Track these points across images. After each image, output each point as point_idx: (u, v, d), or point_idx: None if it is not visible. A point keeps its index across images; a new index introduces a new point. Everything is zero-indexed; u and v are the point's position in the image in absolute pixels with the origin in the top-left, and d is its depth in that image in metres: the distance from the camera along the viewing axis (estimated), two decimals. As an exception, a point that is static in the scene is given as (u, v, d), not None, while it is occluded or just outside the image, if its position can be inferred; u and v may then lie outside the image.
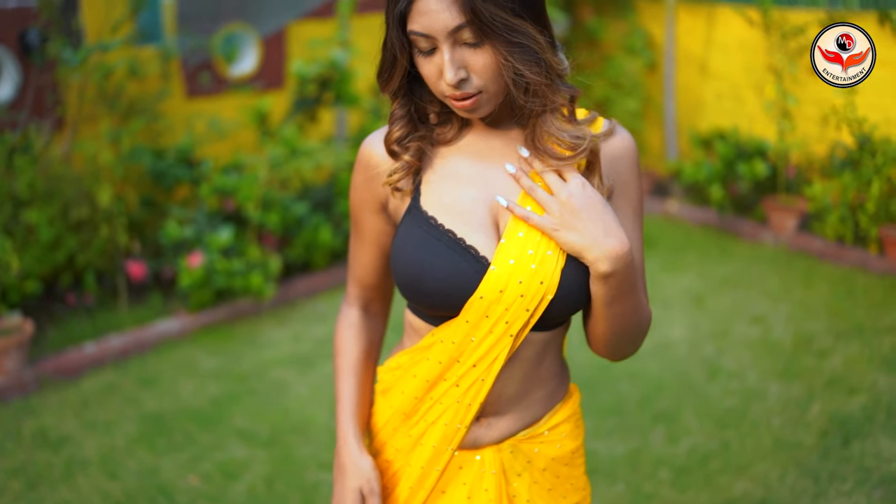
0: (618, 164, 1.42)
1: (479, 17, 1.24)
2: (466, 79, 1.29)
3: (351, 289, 1.65)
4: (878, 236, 5.08)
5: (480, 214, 1.40)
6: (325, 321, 4.60)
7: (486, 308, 1.37)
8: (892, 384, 3.80)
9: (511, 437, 1.50)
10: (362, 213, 1.54)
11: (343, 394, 1.58)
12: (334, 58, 4.94)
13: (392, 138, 1.43)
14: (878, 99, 5.33)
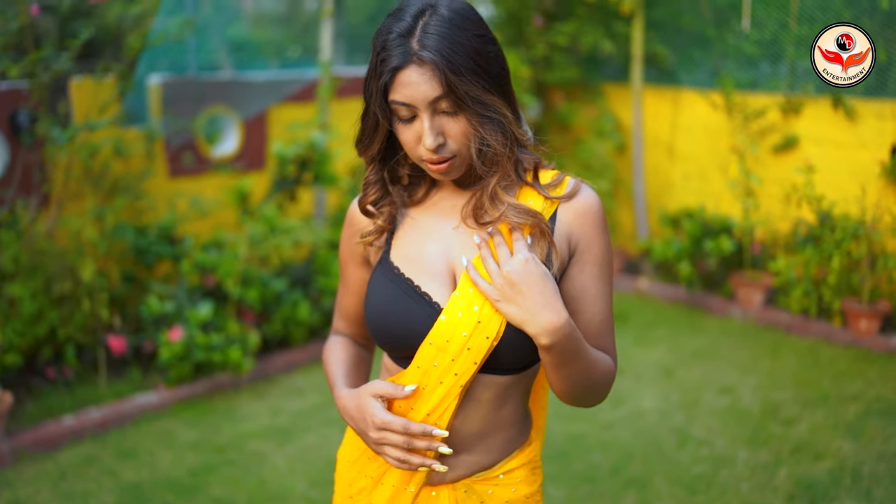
0: (581, 222, 1.53)
1: (454, 90, 1.39)
2: (444, 144, 1.44)
3: (337, 322, 1.81)
4: (841, 309, 5.24)
5: (440, 267, 1.53)
6: (303, 396, 4.66)
7: (434, 355, 1.48)
8: (857, 450, 3.90)
9: (466, 478, 1.58)
10: (347, 266, 1.72)
11: (335, 375, 1.67)
12: (313, 139, 5.11)
13: (367, 202, 1.58)
14: (835, 178, 5.57)
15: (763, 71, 6.74)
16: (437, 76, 1.39)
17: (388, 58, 1.41)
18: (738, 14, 6.44)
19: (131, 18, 6.27)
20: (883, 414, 4.27)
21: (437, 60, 1.38)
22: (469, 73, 1.40)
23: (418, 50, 1.39)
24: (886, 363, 4.88)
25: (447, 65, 1.38)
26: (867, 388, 4.57)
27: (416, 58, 1.39)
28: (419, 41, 1.39)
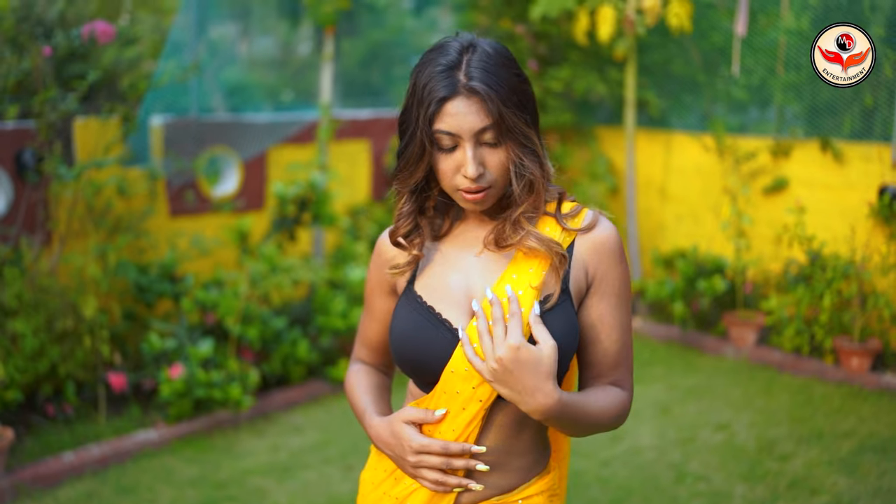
0: (599, 254, 1.60)
1: (504, 121, 1.47)
2: (483, 174, 1.50)
3: (358, 350, 1.86)
4: (833, 347, 5.31)
5: (460, 296, 1.59)
6: (302, 433, 4.69)
7: (456, 383, 1.54)
8: (852, 485, 3.95)
9: (486, 501, 1.62)
10: (374, 296, 1.77)
11: (362, 403, 1.74)
12: (313, 180, 5.20)
13: (399, 233, 1.64)
14: (825, 219, 5.68)
15: (751, 115, 6.89)
16: (486, 108, 1.46)
17: (435, 88, 1.47)
18: (726, 60, 6.60)
19: (126, 62, 6.39)
20: (877, 450, 4.33)
21: (486, 92, 1.45)
22: (513, 106, 1.48)
23: (466, 82, 1.46)
24: (878, 400, 4.94)
25: (496, 95, 1.46)
26: (860, 425, 4.62)
27: (465, 89, 1.46)
28: (466, 74, 1.47)
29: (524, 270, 1.56)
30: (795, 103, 6.25)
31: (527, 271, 1.56)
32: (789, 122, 6.38)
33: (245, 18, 7.02)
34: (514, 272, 1.57)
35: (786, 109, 6.44)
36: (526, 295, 1.53)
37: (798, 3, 6.08)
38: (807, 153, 5.92)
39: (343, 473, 4.22)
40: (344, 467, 4.28)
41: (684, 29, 5.70)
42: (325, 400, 5.13)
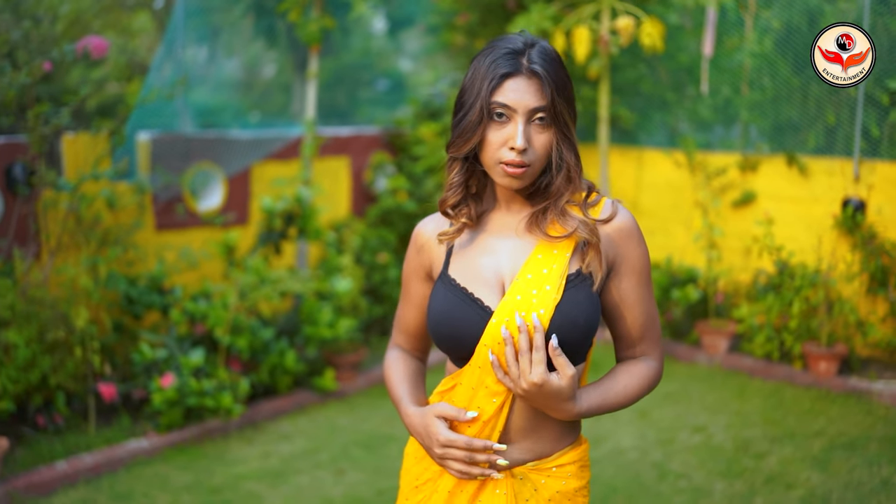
0: (620, 239, 1.75)
1: (555, 106, 1.64)
2: (527, 150, 1.64)
3: (396, 336, 2.00)
4: (802, 352, 5.52)
5: (491, 277, 1.74)
6: (291, 441, 4.78)
7: (488, 357, 1.67)
8: (825, 480, 4.13)
9: (522, 466, 1.76)
10: (411, 281, 1.90)
11: (400, 391, 1.89)
12: (300, 194, 5.32)
13: (448, 203, 1.77)
14: (792, 230, 5.91)
15: (717, 133, 7.15)
16: (543, 90, 1.63)
17: (500, 65, 1.64)
18: (694, 79, 6.85)
19: (92, 83, 6.48)
20: (846, 448, 4.52)
21: (546, 76, 1.63)
22: (563, 97, 1.66)
23: (529, 65, 1.64)
24: (846, 402, 5.15)
25: (553, 82, 1.64)
26: (829, 425, 4.82)
27: (528, 70, 1.64)
28: (528, 59, 1.65)
29: (549, 251, 1.71)
30: (761, 121, 6.50)
31: (551, 252, 1.71)
32: (754, 140, 6.63)
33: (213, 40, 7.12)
34: (540, 252, 1.72)
35: (751, 127, 6.70)
36: (552, 274, 1.68)
37: (761, 26, 6.34)
38: (773, 168, 6.16)
39: (334, 477, 4.32)
40: (335, 471, 4.38)
41: (657, 48, 5.92)
42: (311, 409, 5.22)
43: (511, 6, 6.95)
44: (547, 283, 1.68)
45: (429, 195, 6.57)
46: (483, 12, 7.08)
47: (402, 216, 6.53)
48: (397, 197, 6.38)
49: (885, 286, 5.53)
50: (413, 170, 6.59)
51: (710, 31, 6.30)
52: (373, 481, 4.27)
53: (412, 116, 6.88)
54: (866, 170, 5.71)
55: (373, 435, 4.85)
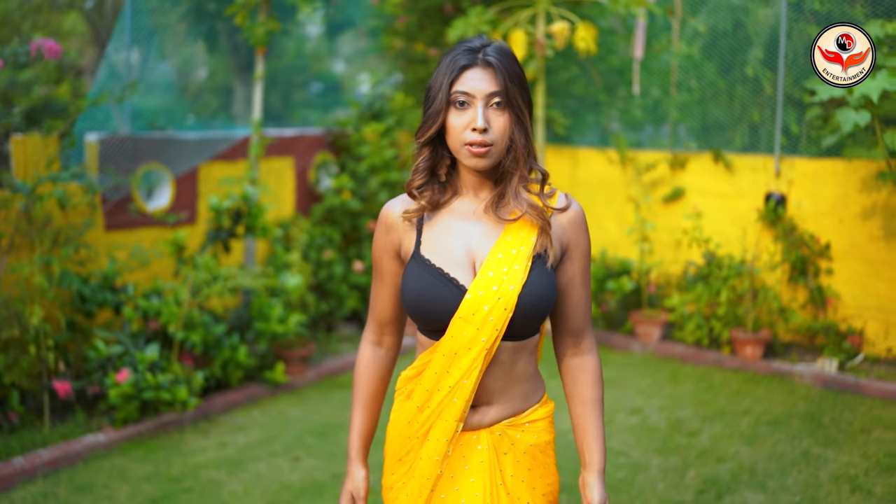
0: (572, 228, 1.97)
1: (507, 91, 1.84)
2: (487, 130, 1.84)
3: (371, 327, 2.14)
4: (729, 338, 5.86)
5: (462, 257, 1.92)
6: (246, 432, 4.92)
7: (462, 326, 1.87)
8: (752, 453, 4.45)
9: (499, 423, 1.97)
10: (382, 260, 2.04)
11: (355, 422, 2.14)
12: (247, 193, 5.45)
13: (414, 185, 1.96)
14: (719, 223, 6.26)
15: (647, 132, 7.48)
16: (497, 77, 1.84)
17: (458, 59, 1.86)
18: (625, 81, 7.16)
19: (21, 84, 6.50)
20: (770, 424, 4.85)
21: (498, 66, 1.85)
22: (517, 84, 1.86)
23: (484, 57, 1.86)
24: (770, 383, 5.50)
25: (504, 71, 1.85)
26: (755, 404, 5.15)
27: (482, 61, 1.86)
28: (483, 53, 1.87)
29: (517, 234, 1.91)
30: (689, 121, 6.85)
31: (518, 235, 1.91)
32: (682, 138, 6.98)
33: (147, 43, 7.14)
34: (509, 235, 1.91)
35: (679, 126, 7.04)
36: (520, 255, 1.90)
37: (688, 31, 6.68)
38: (701, 165, 6.50)
39: (291, 464, 4.48)
40: (291, 459, 4.54)
41: (590, 52, 6.21)
42: (263, 402, 5.36)
43: (449, 10, 7.18)
44: (516, 262, 1.88)
45: (372, 194, 6.75)
46: (421, 16, 7.30)
47: (346, 214, 6.70)
48: (342, 196, 6.55)
49: (805, 275, 5.90)
50: (357, 169, 6.77)
51: (640, 35, 6.62)
52: (328, 467, 4.44)
53: (355, 117, 7.06)
54: (787, 166, 6.07)
55: (324, 424, 5.02)
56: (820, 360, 5.67)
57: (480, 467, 1.95)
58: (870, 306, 5.77)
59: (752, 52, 6.41)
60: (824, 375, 5.50)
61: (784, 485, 4.12)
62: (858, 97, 4.68)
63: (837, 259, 5.87)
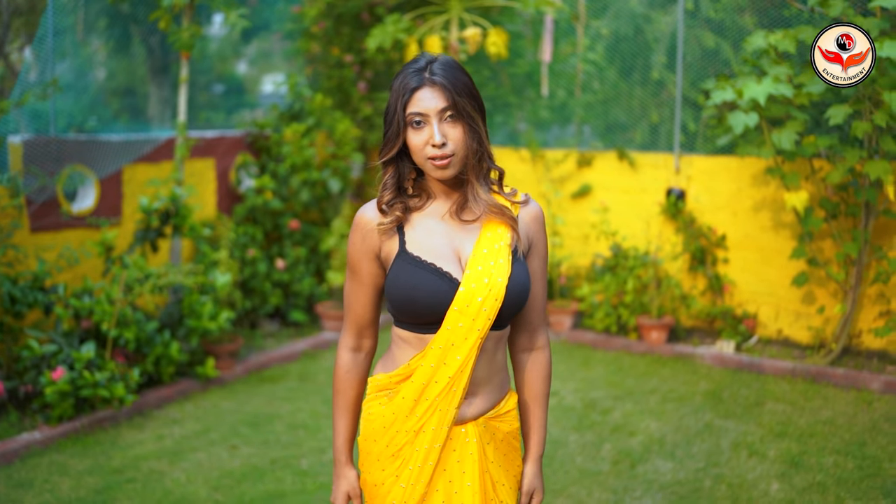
0: (535, 223, 2.12)
1: (456, 105, 1.97)
2: (445, 143, 1.97)
3: (349, 332, 2.19)
4: (636, 325, 6.28)
5: (449, 253, 2.04)
6: (181, 425, 5.06)
7: (457, 318, 1.98)
8: (660, 426, 4.85)
9: (483, 416, 2.08)
10: (361, 263, 2.11)
11: (341, 427, 2.21)
12: (175, 193, 5.59)
13: (384, 200, 2.06)
14: (624, 217, 6.68)
15: (553, 132, 7.88)
16: (445, 93, 1.96)
17: (408, 83, 1.98)
18: (533, 83, 7.54)
19: None
20: (676, 400, 5.27)
21: (444, 83, 1.97)
22: (465, 95, 1.98)
23: (430, 76, 1.99)
24: (674, 364, 5.94)
25: (451, 86, 1.97)
26: (662, 384, 5.57)
27: (429, 81, 1.98)
28: (429, 72, 1.99)
29: (494, 230, 2.05)
30: (593, 120, 7.26)
31: (496, 231, 2.05)
32: (587, 138, 7.39)
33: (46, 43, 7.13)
34: (488, 231, 2.04)
35: (584, 126, 7.46)
36: (502, 249, 2.03)
37: (592, 35, 7.09)
38: (606, 163, 6.91)
39: (229, 452, 4.66)
40: (229, 447, 4.72)
41: (501, 56, 6.54)
42: (195, 396, 5.51)
43: (365, 18, 7.42)
44: (500, 256, 2.01)
45: (294, 193, 6.94)
46: (337, 22, 7.51)
47: (268, 214, 6.87)
48: (264, 195, 6.72)
49: (704, 264, 6.36)
50: (277, 169, 6.94)
51: (548, 39, 6.99)
52: (265, 453, 4.64)
53: (274, 119, 7.23)
54: (685, 163, 6.53)
55: (257, 415, 5.21)
56: (718, 343, 6.14)
57: (470, 459, 2.06)
58: (762, 292, 6.27)
59: (652, 56, 6.85)
60: (723, 356, 5.97)
61: (690, 453, 4.52)
62: (748, 100, 5.13)
63: (732, 249, 6.36)
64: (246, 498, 4.13)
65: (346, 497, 2.21)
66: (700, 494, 4.09)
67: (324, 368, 6.11)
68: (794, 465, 4.38)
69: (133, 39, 8.06)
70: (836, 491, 4.11)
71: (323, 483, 4.26)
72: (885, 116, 4.92)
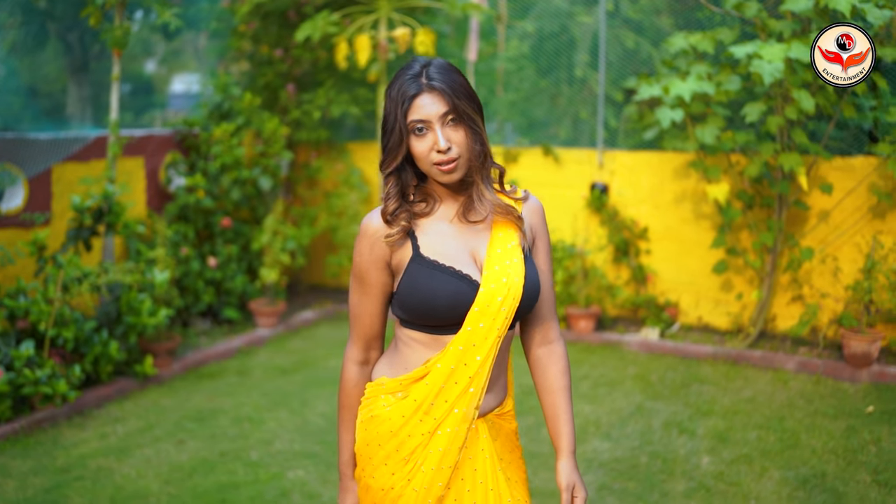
0: (537, 217, 2.14)
1: (457, 108, 1.96)
2: (450, 148, 1.95)
3: (357, 345, 2.15)
4: (565, 314, 6.51)
5: (464, 256, 2.03)
6: (124, 422, 5.06)
7: (478, 318, 1.98)
8: (594, 409, 5.09)
9: (490, 413, 2.09)
10: (370, 272, 2.06)
11: (347, 441, 2.18)
12: (108, 192, 5.56)
13: (389, 210, 2.03)
14: (551, 211, 6.90)
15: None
16: (445, 98, 1.95)
17: (406, 91, 1.96)
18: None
19: None
20: (607, 385, 5.51)
21: (443, 87, 1.96)
22: (463, 97, 1.97)
23: (427, 82, 1.97)
24: (603, 352, 6.19)
25: (450, 90, 1.96)
26: (592, 370, 5.81)
27: (428, 87, 1.96)
28: (427, 77, 1.97)
29: (506, 230, 2.06)
30: (517, 118, 7.48)
31: (507, 230, 2.06)
32: (510, 135, 7.60)
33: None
34: (499, 231, 2.05)
35: (508, 123, 7.67)
36: (514, 249, 2.04)
37: (517, 34, 7.31)
38: (532, 158, 7.13)
39: (176, 447, 4.69)
40: (175, 442, 4.75)
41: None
42: (134, 394, 5.50)
43: (293, 17, 7.47)
44: (514, 255, 2.02)
45: (224, 192, 6.96)
46: (265, 20, 7.55)
47: (199, 212, 6.87)
48: (197, 194, 6.72)
49: (627, 255, 6.64)
50: (208, 168, 6.94)
51: (473, 38, 7.17)
52: (213, 446, 4.69)
53: (203, 117, 7.22)
54: (608, 158, 6.80)
55: (200, 410, 5.24)
56: (643, 330, 6.42)
57: (481, 455, 2.05)
58: (683, 281, 6.59)
59: (575, 54, 7.10)
60: (648, 342, 6.25)
61: (625, 433, 4.76)
62: (674, 97, 5.40)
63: (654, 240, 6.65)
64: (199, 490, 4.18)
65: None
66: (637, 470, 4.32)
67: (260, 364, 6.17)
68: (722, 441, 4.66)
69: (49, 37, 7.93)
70: (760, 462, 4.40)
71: (275, 473, 4.34)
72: (795, 111, 5.25)
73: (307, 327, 7.15)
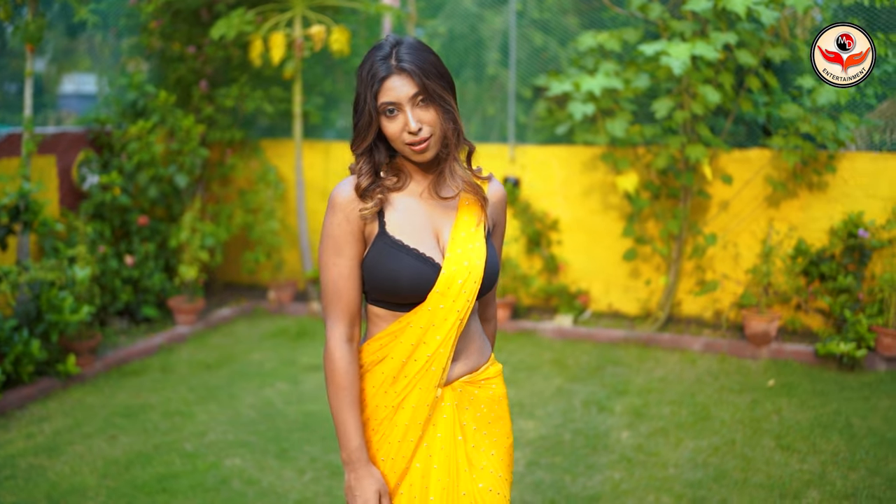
0: (500, 203, 2.21)
1: (426, 88, 1.98)
2: (421, 128, 1.99)
3: (343, 321, 2.10)
4: (483, 304, 6.73)
5: (428, 236, 2.08)
6: (50, 421, 5.02)
7: (439, 300, 2.04)
8: (516, 392, 5.31)
9: (459, 379, 2.13)
10: (347, 244, 2.07)
11: (354, 424, 2.06)
12: (25, 189, 5.50)
13: (362, 186, 2.06)
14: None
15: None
16: (414, 79, 1.97)
17: (376, 72, 1.98)
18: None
19: None
20: (526, 370, 5.76)
21: (412, 69, 1.97)
22: (434, 77, 2.00)
23: (397, 64, 1.98)
24: (519, 339, 6.44)
25: (420, 70, 1.98)
26: (511, 357, 6.05)
27: (397, 68, 1.98)
28: (396, 58, 1.99)
29: (470, 213, 2.13)
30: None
31: (471, 213, 2.13)
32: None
33: None
34: (465, 215, 2.12)
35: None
36: (477, 232, 2.11)
37: (429, 32, 7.49)
38: (446, 154, 7.31)
39: (109, 442, 4.70)
40: (107, 438, 4.76)
41: (344, 53, 6.80)
42: (57, 394, 5.46)
43: (204, 15, 7.47)
44: (476, 239, 2.09)
45: (141, 190, 6.92)
46: (175, 18, 7.52)
47: (115, 210, 6.81)
48: (113, 192, 6.67)
49: (539, 246, 6.90)
50: (124, 166, 6.89)
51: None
52: (146, 440, 4.72)
53: (116, 115, 7.16)
54: (519, 153, 7.05)
55: (128, 406, 5.24)
56: (557, 318, 6.69)
57: (444, 422, 2.10)
58: (593, 270, 6.89)
59: (486, 53, 7.33)
60: (562, 329, 6.52)
61: (548, 412, 5.00)
62: (584, 92, 5.68)
63: (565, 231, 6.94)
64: (139, 481, 4.22)
65: (377, 498, 2.05)
66: (563, 446, 4.56)
67: (183, 360, 6.18)
68: (639, 416, 4.95)
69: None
70: (675, 434, 4.70)
71: (213, 462, 4.41)
72: (701, 106, 5.60)
73: (226, 324, 7.17)
